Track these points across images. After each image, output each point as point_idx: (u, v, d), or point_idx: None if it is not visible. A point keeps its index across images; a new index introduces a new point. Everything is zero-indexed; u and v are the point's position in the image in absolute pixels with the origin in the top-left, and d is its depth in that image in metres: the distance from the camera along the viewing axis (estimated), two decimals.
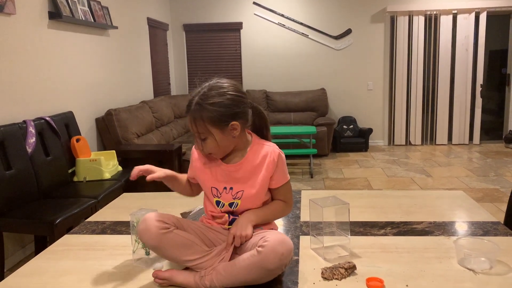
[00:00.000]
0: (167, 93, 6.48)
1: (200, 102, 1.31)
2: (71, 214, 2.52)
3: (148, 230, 1.29)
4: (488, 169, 5.07)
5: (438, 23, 6.36)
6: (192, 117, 1.32)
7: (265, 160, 1.40)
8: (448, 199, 2.02)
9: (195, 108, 1.31)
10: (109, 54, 4.51)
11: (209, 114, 1.30)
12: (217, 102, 1.30)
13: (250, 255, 1.23)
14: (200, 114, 1.30)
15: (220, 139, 1.34)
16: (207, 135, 1.33)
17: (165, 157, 3.77)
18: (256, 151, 1.42)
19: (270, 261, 1.20)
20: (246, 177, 1.40)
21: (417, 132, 6.63)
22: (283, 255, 1.21)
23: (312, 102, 6.43)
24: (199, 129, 1.32)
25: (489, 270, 1.32)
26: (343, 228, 1.50)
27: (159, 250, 1.31)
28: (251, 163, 1.40)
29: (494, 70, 6.76)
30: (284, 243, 1.23)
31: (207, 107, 1.30)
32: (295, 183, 4.71)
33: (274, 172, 1.41)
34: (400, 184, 4.60)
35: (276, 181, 1.43)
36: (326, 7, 6.51)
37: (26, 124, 2.88)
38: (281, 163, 1.42)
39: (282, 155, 1.44)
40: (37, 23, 3.27)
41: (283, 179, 1.44)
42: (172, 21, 6.73)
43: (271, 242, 1.21)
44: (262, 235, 1.28)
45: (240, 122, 1.35)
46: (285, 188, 1.46)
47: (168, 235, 1.30)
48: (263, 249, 1.21)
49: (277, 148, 1.44)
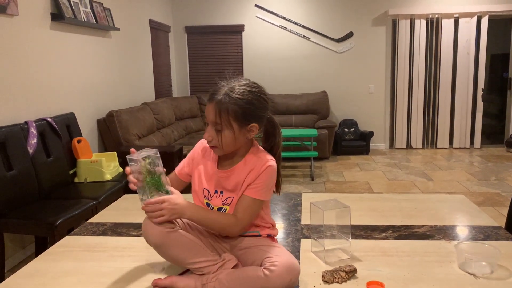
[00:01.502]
0: (169, 95, 6.49)
1: (229, 93, 1.27)
2: (71, 215, 2.52)
3: (153, 228, 1.27)
4: (489, 173, 5.07)
5: (440, 26, 6.36)
6: (217, 106, 1.26)
7: (252, 172, 1.34)
8: (449, 203, 2.02)
9: (223, 98, 1.26)
10: (111, 55, 4.52)
11: (236, 108, 1.26)
12: (246, 99, 1.27)
13: (256, 275, 1.20)
14: (227, 105, 1.26)
15: (236, 136, 1.30)
16: (225, 127, 1.28)
17: (166, 158, 3.77)
18: (249, 162, 1.36)
19: (276, 286, 1.18)
20: (235, 185, 1.36)
21: (418, 136, 6.63)
22: (290, 281, 1.20)
23: (313, 104, 6.43)
24: (222, 120, 1.27)
25: (490, 274, 1.31)
26: (344, 232, 1.50)
27: (162, 249, 1.30)
28: (241, 172, 1.35)
29: (495, 74, 6.76)
30: (292, 270, 1.21)
31: (236, 100, 1.26)
32: (296, 186, 4.71)
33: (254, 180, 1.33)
34: (401, 187, 4.60)
35: (249, 189, 1.33)
36: (328, 10, 6.52)
37: (27, 125, 2.88)
38: (264, 175, 1.32)
39: (271, 168, 1.33)
40: (40, 24, 3.28)
41: (256, 193, 1.32)
42: (174, 23, 6.74)
43: (279, 268, 1.19)
44: (270, 254, 1.25)
45: (258, 125, 1.33)
46: (250, 203, 1.32)
47: (172, 234, 1.28)
48: (270, 273, 1.19)
49: (270, 161, 1.34)
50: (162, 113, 5.21)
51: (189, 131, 5.91)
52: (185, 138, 5.57)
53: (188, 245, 1.30)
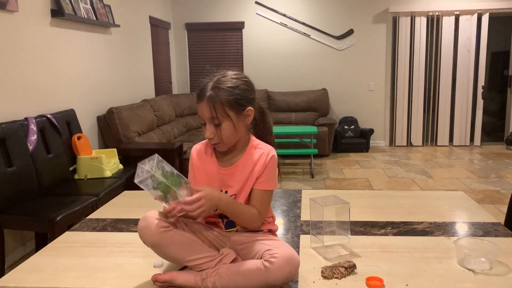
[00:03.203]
0: (169, 92, 6.49)
1: (217, 86, 1.29)
2: (71, 212, 2.53)
3: (148, 228, 1.29)
4: (489, 171, 5.07)
5: (440, 24, 6.35)
6: (210, 101, 1.28)
7: (257, 165, 1.36)
8: (448, 199, 2.02)
9: (212, 93, 1.28)
10: (111, 52, 4.52)
11: (228, 97, 1.28)
12: (234, 86, 1.30)
13: (256, 268, 1.21)
14: (219, 98, 1.28)
15: (236, 124, 1.31)
16: (223, 119, 1.29)
17: (166, 155, 3.76)
18: (251, 155, 1.38)
19: (276, 278, 1.19)
20: (239, 182, 1.37)
21: (418, 133, 6.63)
22: (290, 273, 1.20)
23: (314, 102, 6.43)
24: (218, 113, 1.28)
25: (489, 270, 1.32)
26: (344, 228, 1.50)
27: (159, 248, 1.31)
28: (244, 168, 1.37)
29: (495, 71, 6.75)
30: (292, 262, 1.21)
31: (225, 88, 1.28)
32: (296, 183, 4.71)
33: (262, 172, 1.36)
34: (400, 185, 4.60)
35: (259, 183, 1.36)
36: (328, 7, 6.51)
37: (27, 122, 2.88)
38: (270, 166, 1.36)
39: (274, 158, 1.37)
40: (40, 20, 3.27)
41: (267, 184, 1.36)
42: (174, 20, 6.73)
43: (279, 260, 1.19)
44: (270, 247, 1.26)
45: (253, 108, 1.35)
46: (264, 195, 1.37)
47: (168, 233, 1.29)
48: (270, 265, 1.19)
49: (272, 151, 1.38)
50: (162, 110, 5.21)
51: (189, 128, 5.91)
52: (185, 135, 5.57)
53: (185, 243, 1.31)
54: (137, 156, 3.84)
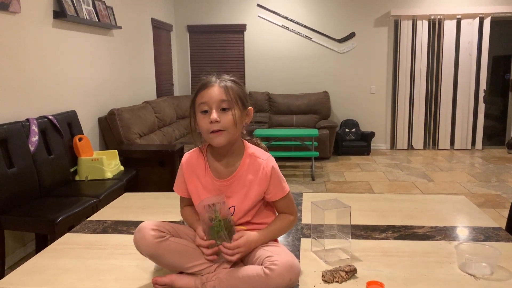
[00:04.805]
0: (170, 94, 6.49)
1: (225, 79, 1.33)
2: (72, 213, 2.52)
3: (144, 239, 1.28)
4: (490, 175, 5.06)
5: (442, 28, 6.36)
6: (223, 86, 1.31)
7: (257, 175, 1.36)
8: (449, 203, 2.02)
9: (227, 81, 1.33)
10: (113, 54, 4.52)
11: (238, 89, 1.33)
12: (239, 84, 1.36)
13: (256, 274, 1.20)
14: (231, 85, 1.32)
15: (239, 118, 1.32)
16: (234, 104, 1.31)
17: (167, 157, 3.77)
18: (248, 165, 1.37)
19: (276, 285, 1.18)
20: (238, 192, 1.36)
21: (419, 137, 6.62)
22: (290, 280, 1.20)
23: (315, 105, 6.43)
24: (231, 97, 1.30)
25: (490, 275, 1.31)
26: (344, 231, 1.50)
27: (156, 258, 1.31)
28: (242, 178, 1.36)
29: (497, 75, 6.75)
30: (292, 269, 1.21)
31: (235, 83, 1.34)
32: (297, 186, 4.71)
33: (268, 186, 1.36)
34: (401, 188, 4.60)
35: (273, 195, 1.39)
36: (330, 10, 6.52)
37: (29, 123, 2.89)
38: (275, 176, 1.37)
39: (276, 168, 1.38)
40: (42, 22, 3.28)
41: (281, 192, 1.39)
42: (176, 22, 6.74)
43: (280, 267, 1.19)
44: (271, 254, 1.25)
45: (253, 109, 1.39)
46: (287, 200, 1.41)
47: (164, 243, 1.29)
48: (270, 272, 1.18)
49: (270, 161, 1.38)
50: (163, 111, 5.21)
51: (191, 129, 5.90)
52: (186, 137, 5.57)
53: (182, 251, 1.31)
54: (138, 158, 3.84)
